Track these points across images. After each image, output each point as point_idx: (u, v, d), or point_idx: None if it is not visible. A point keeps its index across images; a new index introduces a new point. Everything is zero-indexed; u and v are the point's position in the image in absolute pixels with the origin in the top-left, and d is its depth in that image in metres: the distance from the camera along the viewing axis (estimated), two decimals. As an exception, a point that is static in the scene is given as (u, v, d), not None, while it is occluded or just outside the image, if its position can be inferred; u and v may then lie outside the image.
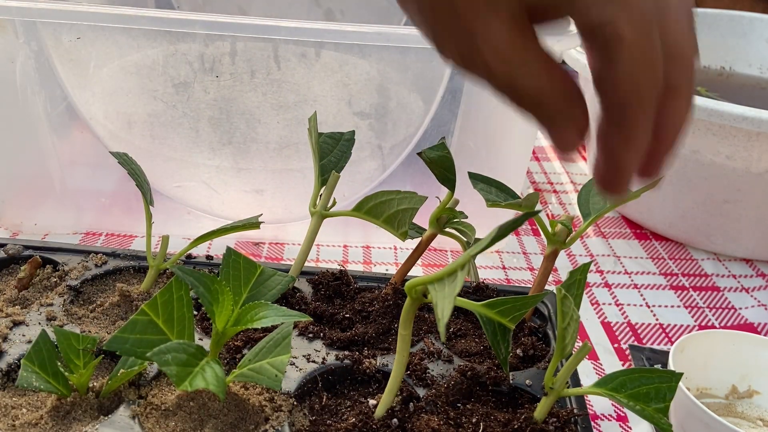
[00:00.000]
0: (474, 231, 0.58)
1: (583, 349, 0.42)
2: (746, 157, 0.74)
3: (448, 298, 0.35)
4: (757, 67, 1.11)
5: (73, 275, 0.58)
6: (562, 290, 0.40)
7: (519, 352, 0.54)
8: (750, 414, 0.57)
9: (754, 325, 0.72)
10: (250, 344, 0.52)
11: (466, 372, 0.50)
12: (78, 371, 0.45)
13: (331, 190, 0.57)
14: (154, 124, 0.71)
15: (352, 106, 0.71)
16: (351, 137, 0.59)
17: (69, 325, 0.53)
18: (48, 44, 0.68)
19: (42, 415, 0.44)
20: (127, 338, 0.41)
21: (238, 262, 0.47)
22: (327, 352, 0.53)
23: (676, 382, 0.42)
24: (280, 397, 0.47)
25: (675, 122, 0.37)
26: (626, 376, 0.43)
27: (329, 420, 0.47)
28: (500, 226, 0.36)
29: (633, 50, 0.34)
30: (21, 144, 0.74)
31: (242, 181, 0.75)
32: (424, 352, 0.54)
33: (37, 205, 0.78)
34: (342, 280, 0.61)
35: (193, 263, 0.63)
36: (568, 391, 0.45)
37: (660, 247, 0.86)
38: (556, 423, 0.46)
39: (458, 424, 0.46)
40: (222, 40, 0.66)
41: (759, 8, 1.30)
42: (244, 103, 0.70)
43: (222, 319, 0.44)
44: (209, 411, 0.44)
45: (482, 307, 0.42)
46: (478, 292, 0.61)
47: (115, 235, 0.79)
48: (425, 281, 0.39)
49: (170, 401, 0.45)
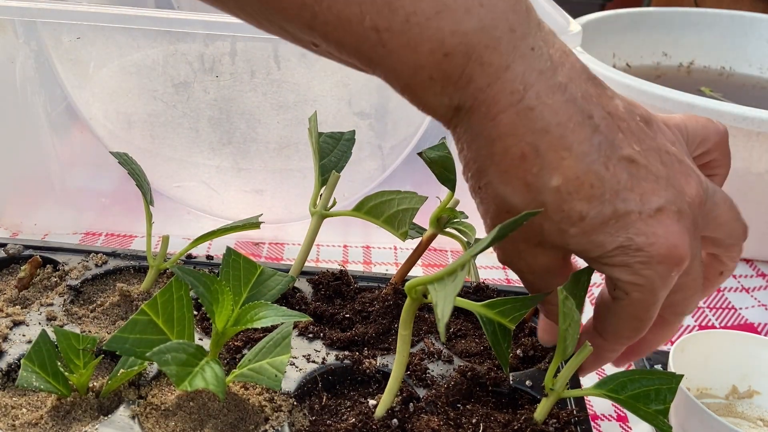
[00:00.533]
0: (474, 231, 0.58)
1: (584, 351, 0.42)
2: (746, 157, 0.74)
3: (448, 298, 0.35)
4: (757, 67, 1.11)
5: (74, 275, 0.58)
6: (564, 291, 0.40)
7: (519, 352, 0.54)
8: (750, 414, 0.57)
9: (755, 325, 0.72)
10: (250, 344, 0.52)
11: (467, 372, 0.50)
12: (78, 371, 0.45)
13: (331, 189, 0.57)
14: (154, 124, 0.71)
15: (352, 106, 0.71)
16: (351, 137, 0.59)
17: (69, 325, 0.53)
18: (48, 44, 0.68)
19: (42, 415, 0.44)
20: (127, 338, 0.41)
21: (237, 262, 0.47)
22: (327, 352, 0.52)
23: (676, 384, 0.42)
24: (279, 397, 0.47)
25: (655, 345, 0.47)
26: (626, 378, 0.43)
27: (329, 420, 0.47)
28: (500, 226, 0.36)
29: (631, 306, 0.41)
30: (21, 144, 0.74)
31: (242, 181, 0.75)
32: (424, 352, 0.53)
33: (37, 205, 0.78)
34: (342, 280, 0.61)
35: (194, 263, 0.63)
36: (568, 393, 0.45)
37: (660, 247, 0.85)
38: (556, 424, 0.46)
39: (458, 425, 0.46)
40: (222, 40, 0.66)
41: (759, 8, 1.30)
42: (244, 103, 0.70)
43: (222, 319, 0.43)
44: (209, 411, 0.44)
45: (482, 308, 0.42)
46: (478, 292, 0.61)
47: (115, 235, 0.79)
48: (425, 281, 0.39)
49: (170, 401, 0.45)
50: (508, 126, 0.38)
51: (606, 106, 0.40)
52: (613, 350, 0.45)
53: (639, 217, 0.39)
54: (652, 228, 0.39)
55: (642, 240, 0.39)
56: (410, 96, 0.40)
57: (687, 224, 0.40)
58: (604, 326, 0.44)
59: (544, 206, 0.39)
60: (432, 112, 0.40)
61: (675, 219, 0.40)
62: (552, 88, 0.38)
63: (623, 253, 0.40)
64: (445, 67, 0.37)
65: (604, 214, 0.39)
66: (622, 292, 0.41)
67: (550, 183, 0.38)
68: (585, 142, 0.38)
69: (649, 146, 0.40)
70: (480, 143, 0.40)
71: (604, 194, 0.38)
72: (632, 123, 0.40)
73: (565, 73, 0.39)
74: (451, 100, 0.39)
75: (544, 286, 0.44)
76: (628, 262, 0.40)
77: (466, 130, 0.40)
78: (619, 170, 0.39)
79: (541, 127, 0.38)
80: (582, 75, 0.40)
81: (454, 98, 0.39)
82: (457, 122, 0.40)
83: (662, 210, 0.39)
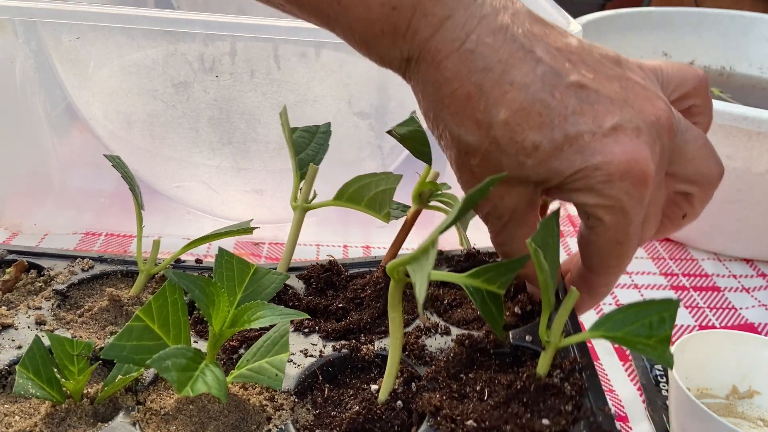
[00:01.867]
0: (458, 201, 0.56)
1: (571, 296, 0.41)
2: (746, 157, 0.74)
3: (423, 276, 0.34)
4: (757, 66, 1.11)
5: (60, 280, 0.57)
6: (533, 244, 0.38)
7: (517, 309, 0.53)
8: (750, 414, 0.57)
9: (755, 325, 0.72)
10: (247, 343, 0.52)
11: (464, 341, 0.49)
12: (73, 377, 0.44)
13: (310, 182, 0.56)
14: (154, 123, 0.71)
15: (352, 106, 0.71)
16: (327, 129, 0.58)
17: (59, 330, 0.52)
18: (48, 44, 0.68)
19: (36, 423, 0.43)
20: (124, 345, 0.40)
21: (230, 263, 0.47)
22: (324, 344, 0.52)
23: (674, 309, 0.39)
24: (280, 396, 0.47)
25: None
26: (622, 314, 0.41)
27: (333, 411, 0.47)
28: (466, 198, 0.36)
29: (609, 232, 0.41)
30: (21, 144, 0.74)
31: (242, 181, 0.75)
32: (420, 329, 0.52)
33: (36, 205, 0.78)
34: (332, 270, 0.60)
35: (183, 267, 0.62)
36: (566, 341, 0.43)
37: (660, 247, 0.86)
38: (560, 375, 0.44)
39: (463, 395, 0.45)
40: (222, 40, 0.66)
41: (760, 8, 1.30)
42: (244, 103, 0.70)
43: (218, 320, 0.43)
44: (209, 413, 0.44)
45: (468, 278, 0.41)
46: (470, 258, 0.60)
47: (115, 235, 0.79)
48: (404, 262, 0.38)
49: (169, 405, 0.45)
50: (452, 70, 0.40)
51: (553, 42, 0.41)
52: (606, 284, 0.45)
53: (593, 137, 0.39)
54: (608, 146, 0.39)
55: (598, 159, 0.39)
56: (366, 50, 0.42)
57: (647, 140, 0.40)
58: (590, 260, 0.44)
59: (496, 141, 0.40)
60: (388, 64, 0.43)
61: (633, 135, 0.40)
62: (492, 30, 0.40)
63: (583, 177, 0.40)
64: (394, 20, 0.40)
65: (556, 139, 0.39)
66: (595, 219, 0.41)
67: (498, 117, 0.40)
68: (528, 74, 0.39)
69: (606, 75, 0.41)
70: (430, 90, 0.41)
71: (553, 121, 0.39)
72: (587, 56, 0.41)
73: (506, 16, 0.40)
74: (401, 53, 0.41)
75: (511, 239, 0.44)
76: (589, 185, 0.40)
77: (419, 81, 0.42)
78: (566, 96, 0.39)
79: (483, 67, 0.39)
80: (526, 17, 0.41)
81: (404, 50, 0.41)
82: (410, 74, 0.42)
83: (618, 128, 0.39)
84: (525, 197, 0.43)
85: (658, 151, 0.41)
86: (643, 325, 0.40)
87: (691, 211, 0.48)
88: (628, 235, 0.42)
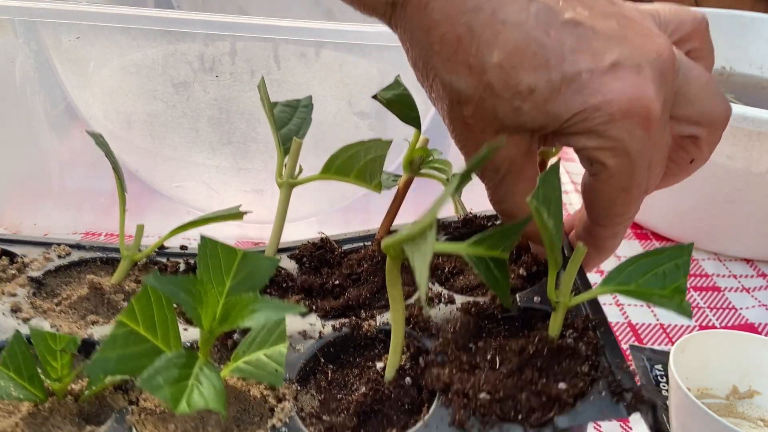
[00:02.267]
0: (451, 166, 0.55)
1: (578, 254, 0.39)
2: (747, 157, 0.73)
3: (424, 263, 0.31)
4: (757, 66, 1.11)
5: (35, 267, 0.54)
6: (534, 201, 0.35)
7: (522, 271, 0.51)
8: (751, 414, 0.57)
9: (755, 325, 0.72)
10: (240, 329, 0.49)
11: (470, 309, 0.46)
12: (56, 374, 0.41)
13: (295, 157, 0.54)
14: (154, 123, 0.71)
15: (352, 106, 0.71)
16: (308, 103, 0.56)
17: (36, 318, 0.49)
18: (48, 44, 0.68)
19: (17, 422, 0.40)
20: (110, 357, 0.37)
21: (215, 250, 0.42)
22: (323, 324, 0.49)
23: (688, 254, 0.37)
24: (282, 385, 0.44)
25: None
26: (632, 265, 0.39)
27: (339, 394, 0.44)
28: (463, 171, 0.35)
29: (613, 178, 0.39)
30: (21, 144, 0.74)
31: (242, 181, 0.75)
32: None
33: (36, 205, 0.78)
34: (326, 247, 0.57)
35: (167, 254, 0.59)
36: (576, 299, 0.41)
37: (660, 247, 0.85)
38: (573, 334, 0.42)
39: (474, 366, 0.42)
40: (222, 39, 0.66)
41: (760, 8, 1.30)
42: (244, 103, 0.70)
43: (208, 317, 0.40)
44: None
45: (469, 247, 0.38)
46: (467, 224, 0.58)
47: (115, 235, 0.79)
48: (400, 241, 0.36)
49: (165, 404, 0.42)
50: (440, 12, 0.38)
51: None
52: (613, 235, 0.43)
53: (591, 76, 0.37)
54: (608, 85, 0.37)
55: (598, 99, 0.37)
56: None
57: (649, 77, 0.38)
58: (596, 211, 0.42)
59: (490, 86, 0.38)
60: (372, 10, 0.41)
61: (634, 72, 0.37)
62: None
63: (584, 119, 0.38)
64: None
65: (553, 80, 0.37)
66: (598, 165, 0.39)
67: (491, 60, 0.37)
68: (521, 12, 0.37)
69: (602, 12, 0.38)
70: (418, 36, 0.39)
71: (549, 60, 0.37)
72: None
73: None
74: None
75: (510, 194, 0.42)
76: (590, 127, 0.38)
77: (406, 28, 0.40)
78: (563, 34, 0.37)
79: (472, 6, 0.37)
80: None
81: None
82: (396, 20, 0.40)
83: (617, 65, 0.37)
84: (522, 147, 0.40)
85: (661, 88, 0.38)
86: (656, 275, 0.38)
87: (699, 156, 0.45)
88: (634, 180, 0.39)
